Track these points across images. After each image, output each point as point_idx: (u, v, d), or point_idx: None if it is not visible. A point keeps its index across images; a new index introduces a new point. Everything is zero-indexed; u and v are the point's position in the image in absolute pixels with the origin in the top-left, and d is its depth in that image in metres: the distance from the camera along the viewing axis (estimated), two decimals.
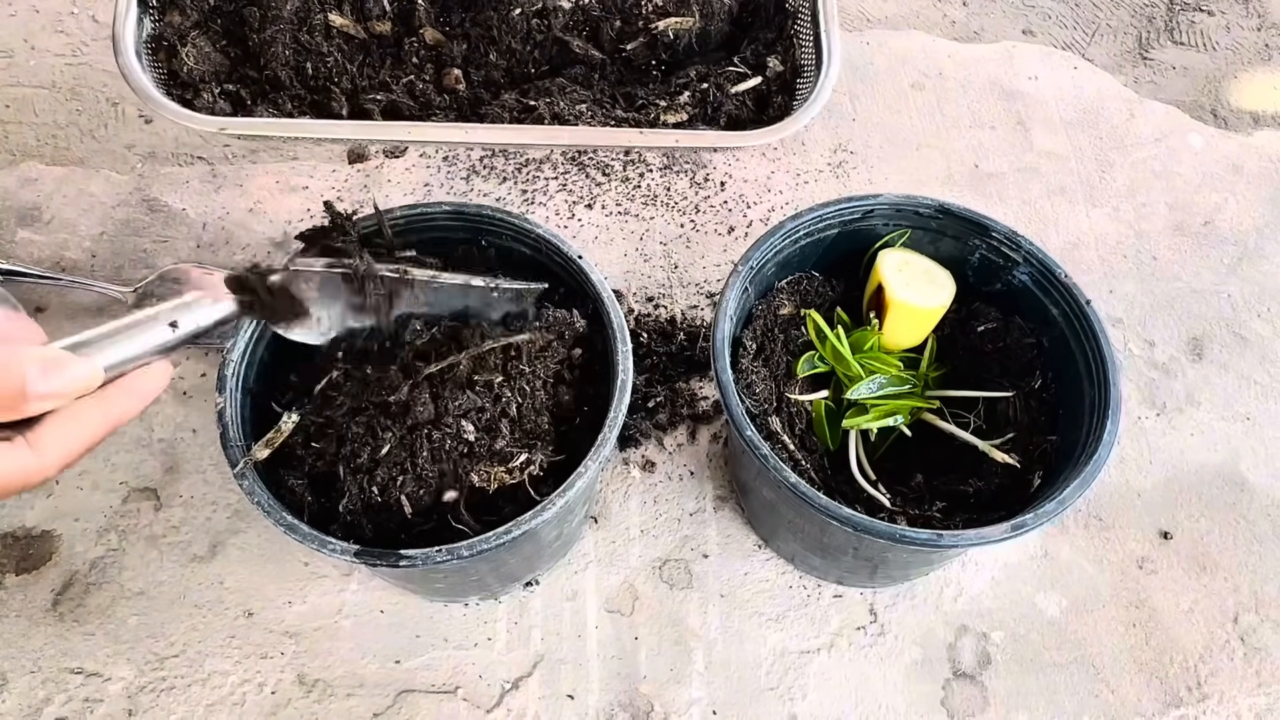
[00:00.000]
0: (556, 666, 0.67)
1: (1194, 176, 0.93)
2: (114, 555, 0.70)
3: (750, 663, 0.68)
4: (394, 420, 0.55)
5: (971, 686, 0.68)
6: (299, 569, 0.70)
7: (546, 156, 0.90)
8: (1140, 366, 0.82)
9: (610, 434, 0.56)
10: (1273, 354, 0.83)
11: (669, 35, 0.81)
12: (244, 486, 0.54)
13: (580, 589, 0.70)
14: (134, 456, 0.74)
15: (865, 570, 0.67)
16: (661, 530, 0.73)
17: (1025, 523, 0.55)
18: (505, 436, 0.57)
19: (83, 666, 0.66)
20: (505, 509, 0.56)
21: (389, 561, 0.52)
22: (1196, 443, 0.78)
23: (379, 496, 0.55)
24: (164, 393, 0.76)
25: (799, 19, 0.79)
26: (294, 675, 0.67)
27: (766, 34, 0.82)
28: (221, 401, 0.57)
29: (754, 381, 0.64)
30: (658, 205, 0.88)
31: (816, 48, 0.74)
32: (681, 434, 0.77)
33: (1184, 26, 1.07)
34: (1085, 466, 0.57)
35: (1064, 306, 0.64)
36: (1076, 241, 0.88)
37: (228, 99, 0.77)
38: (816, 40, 0.74)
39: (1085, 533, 0.74)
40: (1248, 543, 0.74)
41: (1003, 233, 0.66)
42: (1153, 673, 0.69)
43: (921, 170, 0.92)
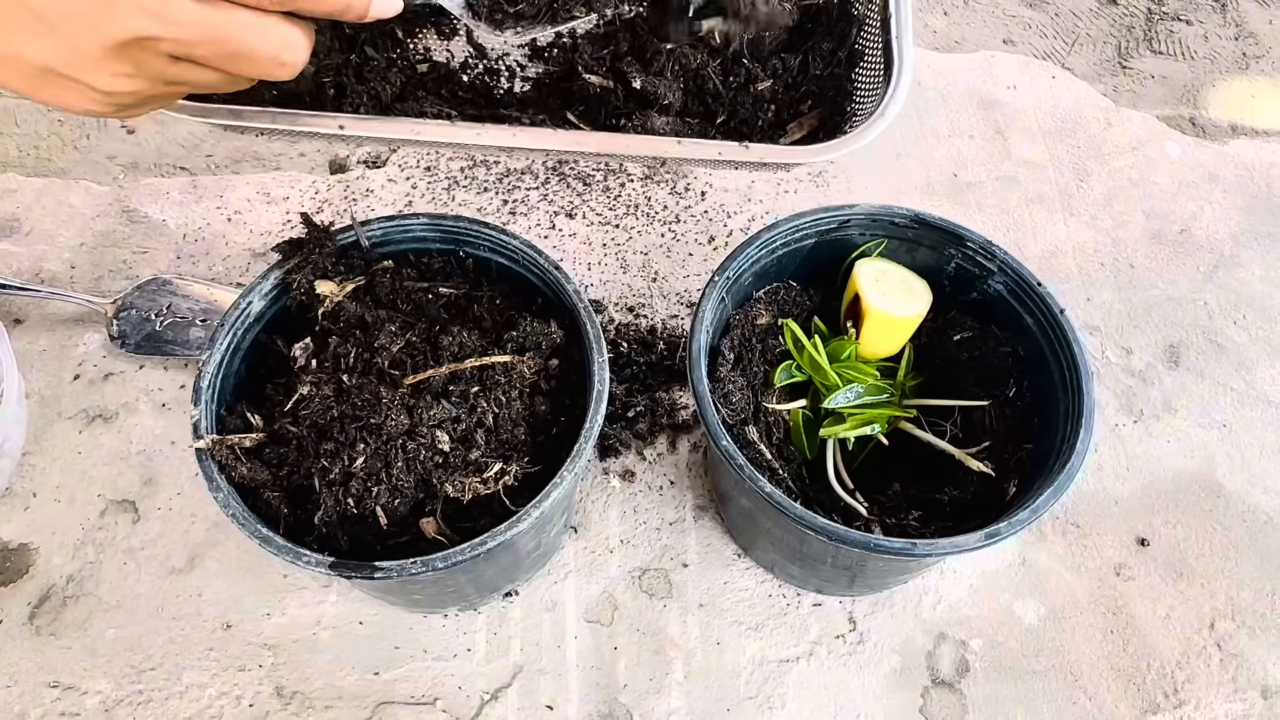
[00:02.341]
0: (536, 677, 0.67)
1: (1171, 185, 0.94)
2: (91, 568, 0.70)
3: (730, 672, 0.68)
4: (369, 431, 0.55)
5: (950, 694, 0.68)
6: (277, 581, 0.70)
7: (528, 167, 0.90)
8: (1118, 374, 0.82)
9: (586, 444, 0.56)
10: (1249, 361, 0.83)
11: (714, 39, 0.81)
12: (218, 499, 0.54)
13: (560, 599, 0.70)
14: (112, 469, 0.74)
15: (844, 579, 0.67)
16: (641, 540, 0.73)
17: (999, 531, 0.55)
18: (481, 447, 0.57)
19: (59, 680, 0.66)
20: (481, 520, 0.56)
21: (364, 573, 0.52)
22: (1173, 449, 0.79)
23: (354, 508, 0.55)
24: (142, 404, 0.76)
25: (866, 26, 0.79)
26: (272, 687, 0.66)
27: (826, 43, 0.82)
28: (196, 414, 0.56)
29: (731, 391, 0.64)
30: (638, 215, 0.88)
31: (886, 57, 0.74)
32: (661, 444, 0.77)
33: (1163, 36, 1.08)
34: (1059, 474, 0.57)
35: (1038, 315, 0.64)
36: (1054, 250, 0.89)
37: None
38: (886, 49, 0.74)
39: (1063, 540, 0.74)
40: (1224, 549, 0.74)
41: (978, 242, 0.66)
42: (1130, 679, 0.69)
43: (901, 179, 0.92)
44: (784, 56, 0.86)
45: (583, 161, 0.91)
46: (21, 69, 0.36)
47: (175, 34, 0.37)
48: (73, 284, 0.82)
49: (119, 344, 0.77)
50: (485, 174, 0.90)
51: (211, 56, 0.39)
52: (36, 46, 0.35)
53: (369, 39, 0.80)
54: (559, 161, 0.91)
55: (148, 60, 0.38)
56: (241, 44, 0.39)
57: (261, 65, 0.41)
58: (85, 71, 0.37)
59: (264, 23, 0.39)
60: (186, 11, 0.37)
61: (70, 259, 0.83)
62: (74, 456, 0.74)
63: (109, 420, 0.76)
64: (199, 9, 0.37)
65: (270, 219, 0.86)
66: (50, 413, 0.76)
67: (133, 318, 0.78)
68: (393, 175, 0.90)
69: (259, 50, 0.39)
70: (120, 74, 0.37)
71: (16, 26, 0.35)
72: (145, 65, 0.38)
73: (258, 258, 0.84)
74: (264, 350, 0.63)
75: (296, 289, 0.61)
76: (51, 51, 0.36)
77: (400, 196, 0.88)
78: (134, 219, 0.86)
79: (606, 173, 0.90)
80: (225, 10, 0.38)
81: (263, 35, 0.39)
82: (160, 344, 0.77)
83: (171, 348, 0.77)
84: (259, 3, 0.39)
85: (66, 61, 0.36)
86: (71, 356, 0.78)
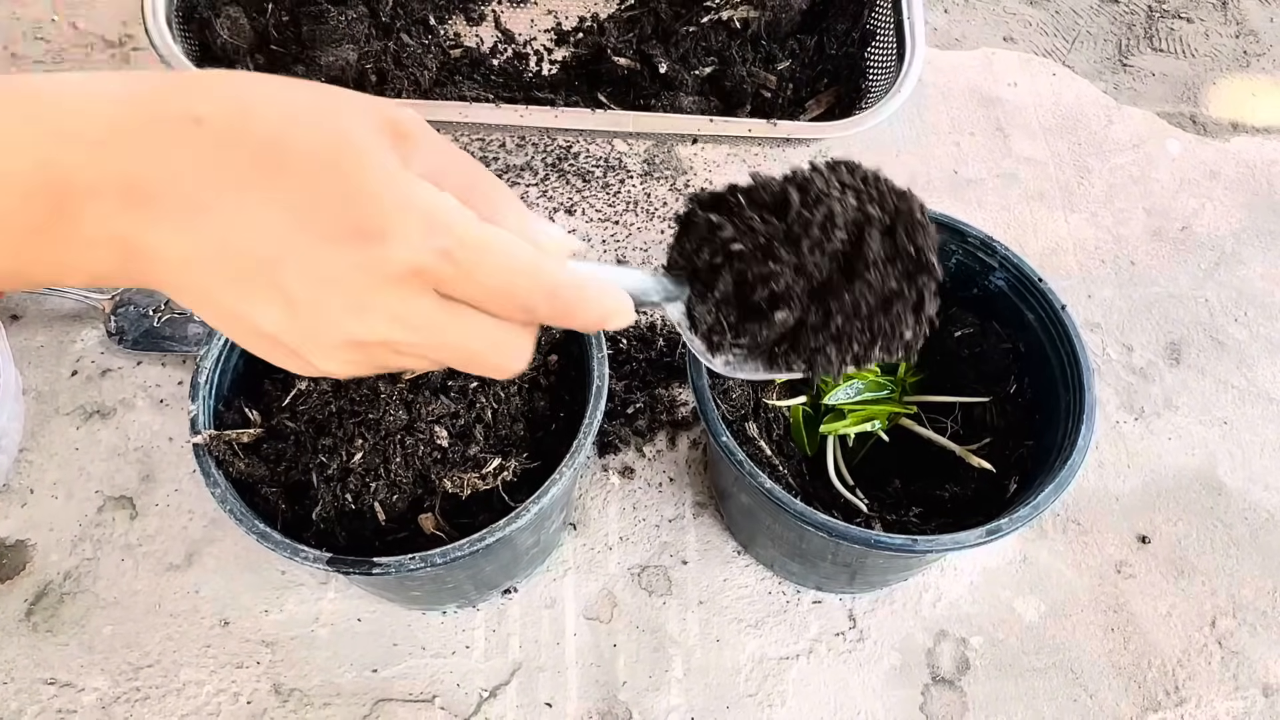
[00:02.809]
0: (535, 674, 0.67)
1: (1171, 182, 0.94)
2: (89, 565, 0.70)
3: (729, 669, 0.68)
4: (367, 426, 0.55)
5: (950, 692, 0.68)
6: (276, 577, 0.70)
7: (527, 163, 0.90)
8: (1118, 371, 0.82)
9: (585, 440, 0.56)
10: (1250, 358, 0.83)
11: (735, 24, 0.82)
12: (216, 494, 0.54)
13: (559, 596, 0.70)
14: (110, 465, 0.73)
15: (844, 576, 0.67)
16: (640, 537, 0.72)
17: (1000, 527, 0.55)
18: (479, 442, 0.57)
19: (56, 677, 0.66)
20: (480, 516, 0.56)
21: (362, 569, 0.52)
22: (1174, 447, 0.78)
23: (352, 504, 0.55)
24: (140, 400, 0.76)
25: (878, 6, 0.80)
26: (270, 685, 0.66)
27: (840, 23, 0.83)
28: (194, 409, 0.56)
29: (731, 387, 0.64)
30: (638, 211, 0.88)
31: (898, 36, 0.75)
32: (661, 440, 0.76)
33: (1163, 34, 1.08)
34: (1060, 471, 0.57)
35: (1039, 311, 0.64)
36: (1055, 247, 0.89)
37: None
38: (898, 28, 0.75)
39: (1064, 537, 0.74)
40: (1225, 546, 0.74)
41: (978, 238, 0.66)
42: (1131, 677, 0.69)
43: (900, 176, 0.91)
44: (800, 37, 0.86)
45: (583, 157, 0.91)
46: (246, 329, 0.32)
47: (418, 340, 0.33)
48: None
49: (117, 340, 0.77)
50: None
51: (440, 358, 0.35)
52: (272, 318, 0.31)
53: (404, 26, 0.81)
54: (559, 158, 0.90)
55: (378, 353, 0.34)
56: (475, 351, 0.35)
57: (484, 370, 0.37)
58: (310, 351, 0.33)
59: (504, 336, 0.35)
60: (437, 322, 0.33)
61: None
62: (71, 453, 0.74)
63: (106, 416, 0.75)
64: (449, 320, 0.33)
65: None
66: (48, 409, 0.75)
67: (130, 314, 0.78)
68: None
69: (489, 359, 0.36)
70: (345, 361, 0.34)
71: (259, 296, 0.31)
72: (373, 356, 0.34)
73: None
74: None
75: None
76: (285, 327, 0.32)
77: None
78: None
79: (606, 169, 0.90)
80: (469, 320, 0.34)
81: (497, 346, 0.35)
82: (158, 340, 0.77)
83: (169, 344, 0.77)
84: (508, 315, 0.35)
85: (298, 340, 0.32)
86: (69, 353, 0.78)
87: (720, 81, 0.85)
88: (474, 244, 0.32)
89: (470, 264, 0.32)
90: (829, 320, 0.41)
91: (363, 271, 0.31)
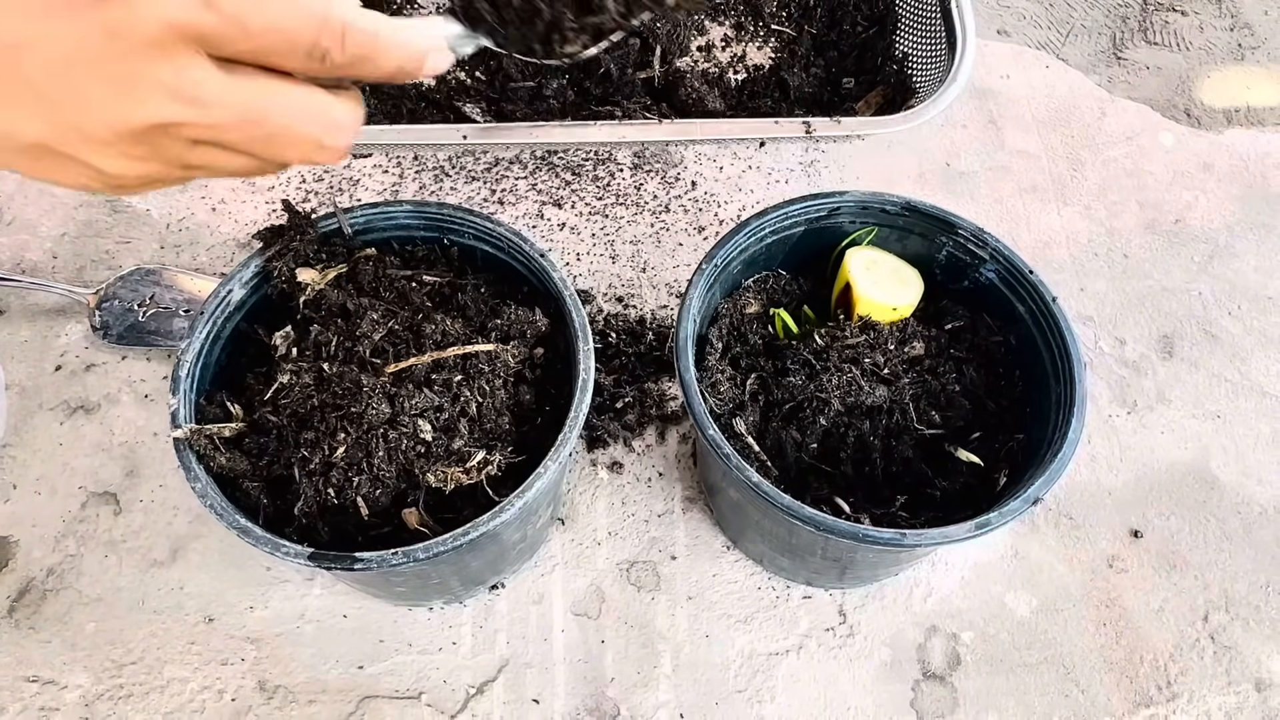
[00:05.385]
0: (522, 670, 0.67)
1: (1165, 175, 0.93)
2: (72, 561, 0.69)
3: (718, 665, 0.67)
4: (350, 420, 0.54)
5: (941, 687, 0.67)
6: (261, 574, 0.69)
7: (516, 157, 0.89)
8: (1111, 365, 0.81)
9: (570, 434, 0.56)
10: (1243, 352, 0.82)
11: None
12: (196, 489, 0.53)
13: (546, 592, 0.69)
14: (93, 461, 0.73)
15: (834, 571, 0.66)
16: (629, 532, 0.72)
17: (989, 521, 0.54)
18: (464, 436, 0.56)
19: (39, 674, 0.65)
20: (464, 511, 0.56)
21: (344, 564, 0.51)
22: (1167, 441, 0.78)
23: (335, 498, 0.54)
24: (124, 395, 0.75)
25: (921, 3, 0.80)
26: (255, 682, 0.65)
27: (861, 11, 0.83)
28: (175, 403, 0.56)
29: (719, 380, 0.63)
30: (628, 205, 0.87)
31: (947, 27, 0.75)
32: (650, 435, 0.76)
33: (1157, 26, 1.07)
34: (1050, 464, 0.56)
35: (1030, 303, 0.64)
36: (1048, 240, 0.88)
37: None
38: (946, 18, 0.75)
39: (1056, 532, 0.73)
40: (1218, 541, 0.74)
41: (969, 230, 0.65)
42: (1123, 672, 0.68)
43: (893, 169, 0.92)
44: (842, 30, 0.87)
45: (572, 151, 0.90)
46: (13, 148, 0.29)
47: (205, 118, 0.30)
48: (54, 274, 0.81)
49: (101, 335, 0.76)
50: (473, 164, 0.89)
51: (242, 140, 0.32)
52: (29, 123, 0.28)
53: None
54: (548, 151, 0.90)
55: (166, 144, 0.30)
56: (279, 125, 0.32)
57: (300, 149, 0.33)
58: (88, 152, 0.30)
59: (307, 99, 0.32)
60: (220, 91, 0.30)
61: (52, 249, 0.82)
62: (55, 448, 0.73)
63: (90, 412, 0.75)
64: (235, 86, 0.30)
65: (255, 208, 0.85)
66: (31, 404, 0.75)
67: (115, 308, 0.77)
68: (380, 164, 0.89)
69: (298, 131, 0.32)
70: (131, 157, 0.30)
71: (6, 101, 0.28)
72: (162, 149, 0.31)
73: (242, 248, 0.83)
74: (245, 339, 0.62)
75: (277, 277, 0.61)
76: (48, 129, 0.29)
77: (388, 186, 0.87)
78: (117, 209, 0.85)
79: (596, 162, 0.89)
80: (263, 86, 0.31)
81: (304, 113, 0.32)
82: (143, 335, 0.76)
83: (154, 338, 0.76)
84: (305, 70, 0.32)
85: (66, 141, 0.29)
86: (53, 347, 0.77)
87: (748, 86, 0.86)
88: None
89: (236, 8, 0.28)
90: None
91: (111, 39, 0.27)
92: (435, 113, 0.87)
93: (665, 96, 0.86)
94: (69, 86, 0.28)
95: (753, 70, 0.89)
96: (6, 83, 0.27)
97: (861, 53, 0.88)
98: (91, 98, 0.28)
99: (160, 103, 0.29)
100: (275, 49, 0.30)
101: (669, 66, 0.87)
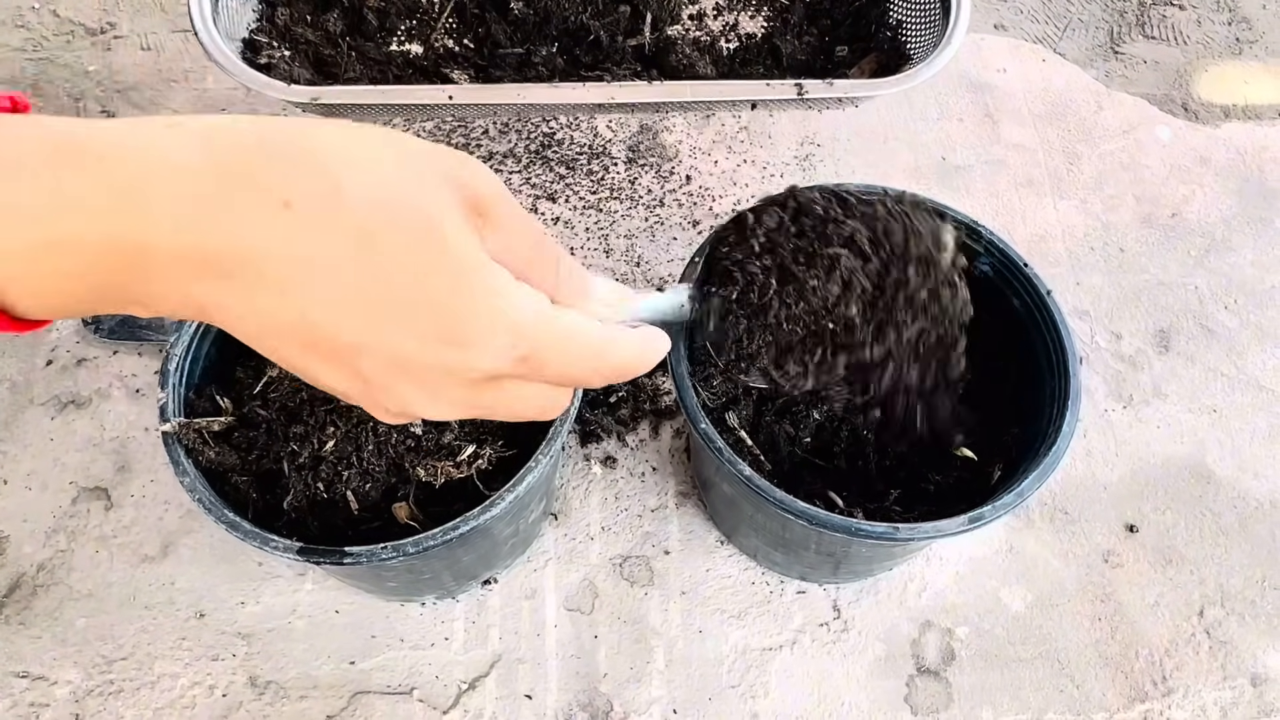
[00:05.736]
0: (514, 666, 0.66)
1: (1161, 169, 0.93)
2: (63, 556, 0.69)
3: (712, 660, 0.67)
4: (339, 414, 0.54)
5: (935, 682, 0.67)
6: (252, 569, 0.69)
7: (510, 150, 0.89)
8: (1107, 359, 0.81)
9: (562, 428, 0.55)
10: (1239, 346, 0.82)
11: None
12: (185, 483, 0.53)
13: (539, 587, 0.69)
14: (85, 456, 0.72)
15: (828, 566, 0.66)
16: (622, 527, 0.72)
17: (983, 515, 0.54)
18: (454, 430, 0.56)
19: (29, 670, 0.65)
20: (455, 505, 0.55)
21: (333, 559, 0.51)
22: (1163, 435, 0.78)
23: (324, 493, 0.54)
24: (116, 390, 0.75)
25: None
26: (246, 677, 0.65)
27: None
28: (164, 397, 0.55)
29: (712, 374, 0.63)
30: (622, 199, 0.87)
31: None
32: (644, 430, 0.75)
33: (1155, 20, 1.07)
34: (1045, 458, 0.56)
35: (1025, 297, 0.63)
36: (1044, 234, 0.88)
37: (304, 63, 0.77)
38: None
39: (1051, 526, 0.73)
40: (1213, 535, 0.73)
41: (963, 223, 0.65)
42: (1118, 667, 0.68)
43: (888, 163, 0.91)
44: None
45: (566, 144, 0.90)
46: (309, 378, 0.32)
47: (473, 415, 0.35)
48: None
49: (93, 330, 0.76)
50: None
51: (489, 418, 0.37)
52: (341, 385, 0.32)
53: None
54: (542, 145, 0.89)
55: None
56: (521, 414, 0.36)
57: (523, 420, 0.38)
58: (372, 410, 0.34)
59: (553, 398, 0.37)
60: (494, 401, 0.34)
61: None
62: (46, 443, 0.73)
63: (82, 406, 0.74)
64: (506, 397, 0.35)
65: None
66: (22, 399, 0.74)
67: None
68: None
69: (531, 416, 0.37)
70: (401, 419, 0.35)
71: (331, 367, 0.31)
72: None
73: None
74: None
75: None
76: (352, 393, 0.33)
77: None
78: None
79: (590, 156, 0.89)
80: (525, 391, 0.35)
81: (543, 410, 0.37)
82: (135, 329, 0.76)
83: (146, 333, 0.76)
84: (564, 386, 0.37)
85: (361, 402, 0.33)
86: (44, 342, 0.77)
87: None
88: (550, 345, 0.33)
89: (542, 362, 0.33)
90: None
91: (443, 373, 0.32)
92: (423, 79, 0.85)
93: (656, 64, 0.85)
94: (388, 384, 0.32)
95: (745, 38, 0.88)
96: (339, 362, 0.31)
97: (855, 20, 0.87)
98: (402, 395, 0.32)
99: (451, 409, 0.34)
100: (556, 383, 0.36)
101: (660, 34, 0.85)
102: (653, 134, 0.91)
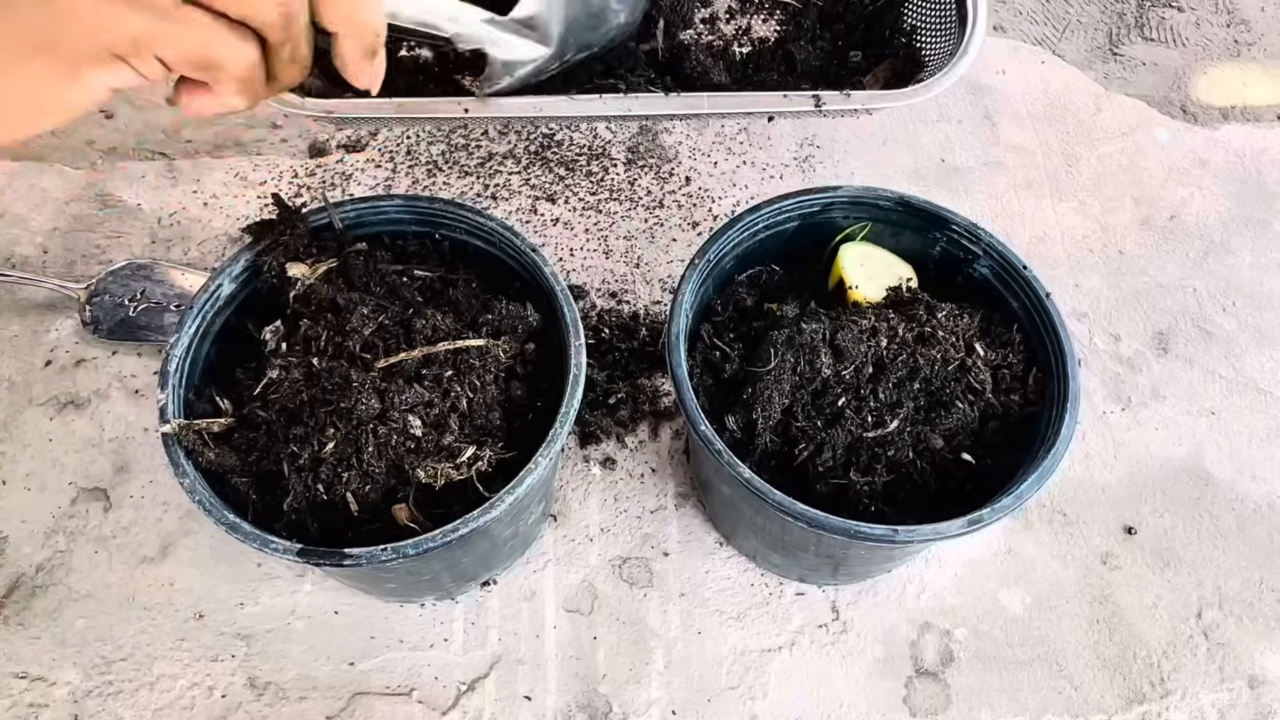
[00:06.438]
0: (514, 667, 0.66)
1: (1160, 171, 0.93)
2: (62, 557, 0.69)
3: (711, 662, 0.67)
4: (339, 415, 0.54)
5: (934, 684, 0.67)
6: (251, 570, 0.69)
7: (509, 151, 0.89)
8: (1105, 361, 0.81)
9: (562, 429, 0.55)
10: (1238, 348, 0.82)
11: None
12: (185, 485, 0.53)
13: (539, 588, 0.69)
14: (84, 457, 0.72)
15: (827, 567, 0.66)
16: (622, 528, 0.72)
17: (982, 517, 0.54)
18: (454, 432, 0.56)
19: (27, 671, 0.65)
20: (455, 507, 0.55)
21: (333, 560, 0.51)
22: (1161, 437, 0.78)
23: (324, 494, 0.54)
24: (115, 391, 0.75)
25: None
26: (245, 678, 0.65)
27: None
28: (163, 398, 0.55)
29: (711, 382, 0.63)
30: (622, 200, 0.87)
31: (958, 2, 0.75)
32: (643, 431, 0.76)
33: (1154, 22, 1.07)
34: (1043, 460, 0.56)
35: (1024, 299, 0.63)
36: (1043, 236, 0.88)
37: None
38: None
39: (1049, 528, 0.73)
40: (1211, 537, 0.73)
41: (963, 225, 0.65)
42: (1116, 669, 0.68)
43: (887, 164, 0.91)
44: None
45: (566, 145, 0.90)
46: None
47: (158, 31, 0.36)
48: (45, 269, 0.80)
49: (91, 330, 0.76)
50: (466, 158, 0.88)
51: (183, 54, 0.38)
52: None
53: None
54: (541, 146, 0.89)
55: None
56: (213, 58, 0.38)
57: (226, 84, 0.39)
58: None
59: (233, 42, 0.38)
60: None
61: (43, 243, 0.82)
62: (45, 444, 0.73)
63: (81, 407, 0.74)
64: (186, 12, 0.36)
65: (247, 203, 0.85)
66: (21, 399, 0.74)
67: (106, 303, 0.77)
68: (373, 158, 0.88)
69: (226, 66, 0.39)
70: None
71: None
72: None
73: (233, 242, 0.83)
74: (234, 334, 0.61)
75: (267, 271, 0.60)
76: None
77: (380, 180, 0.87)
78: (108, 203, 0.84)
79: (590, 157, 0.89)
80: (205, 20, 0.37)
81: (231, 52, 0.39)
82: (134, 330, 0.76)
83: (145, 334, 0.76)
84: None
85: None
86: (43, 342, 0.77)
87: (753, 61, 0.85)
88: None
89: None
90: None
91: None
92: (433, 87, 0.85)
93: (669, 70, 0.85)
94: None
95: (758, 43, 0.88)
96: None
97: (869, 25, 0.87)
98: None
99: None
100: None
101: (672, 39, 0.85)
102: (652, 135, 0.91)
